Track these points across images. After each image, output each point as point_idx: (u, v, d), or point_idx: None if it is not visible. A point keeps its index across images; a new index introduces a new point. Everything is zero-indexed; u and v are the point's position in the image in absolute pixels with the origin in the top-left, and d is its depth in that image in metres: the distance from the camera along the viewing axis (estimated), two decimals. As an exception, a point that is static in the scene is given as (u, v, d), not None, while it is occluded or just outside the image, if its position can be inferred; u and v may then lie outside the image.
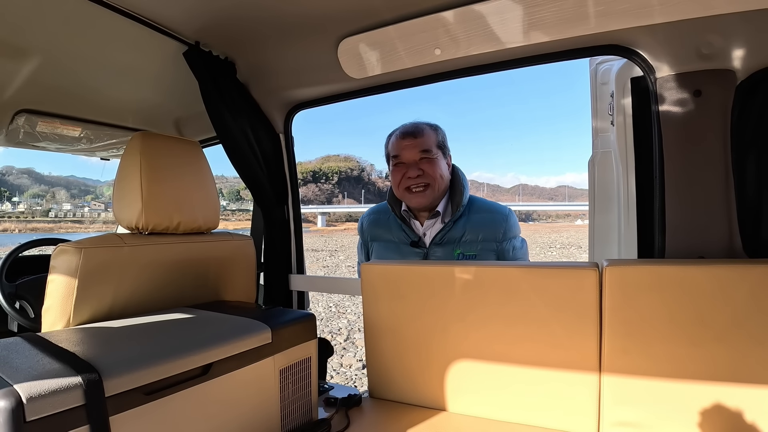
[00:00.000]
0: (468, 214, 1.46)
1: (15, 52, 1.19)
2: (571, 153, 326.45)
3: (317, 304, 7.18)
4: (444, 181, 1.45)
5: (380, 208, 1.62)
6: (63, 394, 0.62)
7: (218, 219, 1.28)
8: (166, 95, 1.64)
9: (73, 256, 0.95)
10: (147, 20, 1.15)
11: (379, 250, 1.56)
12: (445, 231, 1.44)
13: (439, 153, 1.45)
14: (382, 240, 1.56)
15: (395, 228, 1.53)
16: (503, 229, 1.43)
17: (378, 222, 1.58)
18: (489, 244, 1.42)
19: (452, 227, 1.44)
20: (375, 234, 1.58)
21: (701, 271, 0.93)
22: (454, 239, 1.43)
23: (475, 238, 1.42)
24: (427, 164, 1.42)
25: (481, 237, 1.42)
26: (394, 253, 1.51)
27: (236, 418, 0.89)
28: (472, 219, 1.45)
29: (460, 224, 1.44)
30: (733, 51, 0.98)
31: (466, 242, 1.43)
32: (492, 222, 1.44)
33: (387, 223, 1.55)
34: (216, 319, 1.02)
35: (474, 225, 1.44)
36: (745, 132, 1.00)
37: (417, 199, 1.43)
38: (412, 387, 1.22)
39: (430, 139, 1.44)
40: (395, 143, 1.48)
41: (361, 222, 1.65)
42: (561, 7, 1.01)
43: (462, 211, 1.45)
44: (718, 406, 0.91)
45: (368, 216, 1.64)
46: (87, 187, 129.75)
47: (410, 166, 1.42)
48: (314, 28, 1.23)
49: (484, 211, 1.47)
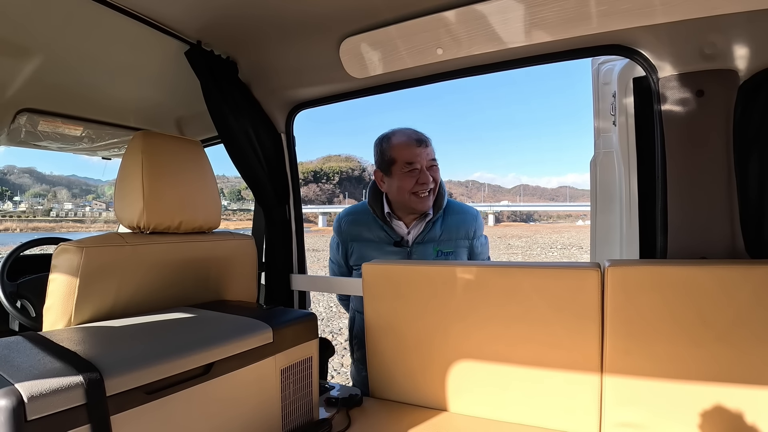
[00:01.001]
0: (444, 216, 1.59)
1: (17, 51, 1.19)
2: (572, 153, 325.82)
3: (318, 304, 7.18)
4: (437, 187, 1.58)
5: (358, 209, 1.69)
6: (64, 394, 0.62)
7: (219, 218, 1.28)
8: (167, 95, 1.64)
9: (75, 255, 0.95)
10: (149, 19, 1.15)
11: (360, 248, 1.62)
12: (426, 231, 1.56)
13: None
14: (362, 239, 1.61)
15: (376, 228, 1.60)
16: (474, 228, 1.60)
17: (357, 222, 1.64)
18: (462, 242, 1.58)
19: (432, 227, 1.56)
20: (355, 234, 1.64)
21: (703, 271, 0.92)
22: (433, 238, 1.55)
23: (450, 236, 1.56)
24: (435, 171, 1.53)
25: (456, 236, 1.57)
26: (376, 252, 1.58)
27: (237, 418, 0.89)
28: (447, 220, 1.58)
29: (437, 225, 1.57)
30: (735, 51, 0.98)
31: (443, 241, 1.55)
32: (464, 222, 1.59)
33: (367, 223, 1.62)
34: (217, 318, 1.02)
35: (450, 225, 1.57)
36: (747, 132, 1.00)
37: (424, 203, 1.52)
38: (413, 387, 1.22)
39: (432, 148, 1.56)
40: (409, 150, 1.51)
41: (339, 222, 1.70)
42: (563, 6, 1.01)
43: (440, 213, 1.57)
44: (720, 406, 0.91)
45: (346, 216, 1.69)
46: (88, 187, 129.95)
47: (422, 173, 1.50)
48: (316, 28, 1.23)
49: (457, 212, 1.61)
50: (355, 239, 1.63)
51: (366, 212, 1.63)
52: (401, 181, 1.51)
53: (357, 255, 1.62)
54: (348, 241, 1.66)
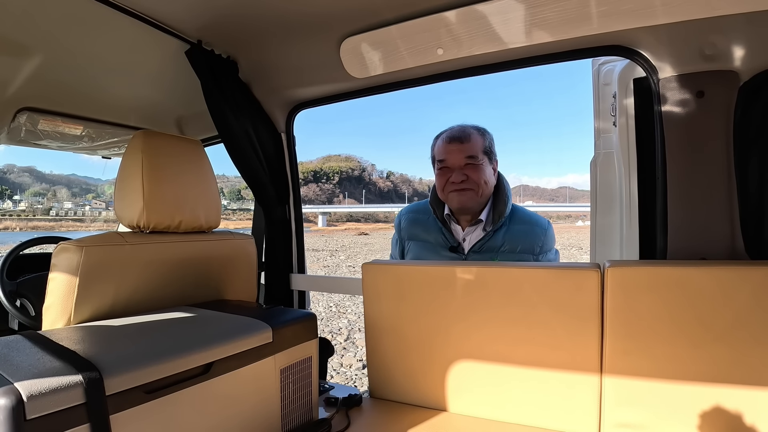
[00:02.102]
0: (509, 224, 1.45)
1: (18, 49, 1.19)
2: (573, 154, 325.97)
3: (317, 303, 7.18)
4: (488, 187, 1.44)
5: (420, 207, 1.60)
6: (63, 393, 0.62)
7: (219, 218, 1.28)
8: (167, 94, 1.64)
9: (75, 254, 0.95)
10: (149, 19, 1.15)
11: (416, 249, 1.54)
12: (485, 239, 1.44)
13: (485, 159, 1.42)
14: (420, 240, 1.54)
15: (434, 230, 1.51)
16: (541, 242, 1.44)
17: (417, 221, 1.56)
18: (526, 256, 1.42)
19: (492, 236, 1.43)
20: (413, 233, 1.56)
21: (703, 272, 0.92)
22: (493, 248, 1.43)
23: (513, 248, 1.42)
24: (472, 170, 1.40)
25: (520, 248, 1.42)
26: (431, 255, 1.49)
27: (237, 417, 0.89)
28: (512, 229, 1.44)
29: (500, 234, 1.43)
30: (736, 52, 0.98)
31: (504, 252, 1.42)
32: (531, 234, 1.44)
33: (426, 223, 1.53)
34: (217, 318, 1.02)
35: (514, 236, 1.43)
36: (747, 133, 1.00)
37: (459, 198, 1.41)
38: (413, 387, 1.22)
39: (477, 145, 1.42)
40: (441, 147, 1.45)
41: (399, 218, 1.63)
42: (564, 7, 1.01)
43: (504, 221, 1.44)
44: (719, 407, 0.91)
45: (407, 213, 1.62)
46: (88, 186, 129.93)
47: (455, 171, 1.41)
48: (317, 28, 1.23)
49: (524, 222, 1.47)
50: (412, 238, 1.57)
51: (427, 212, 1.55)
52: (437, 179, 1.46)
53: (413, 255, 1.55)
54: (406, 240, 1.60)
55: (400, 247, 1.62)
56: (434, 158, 1.49)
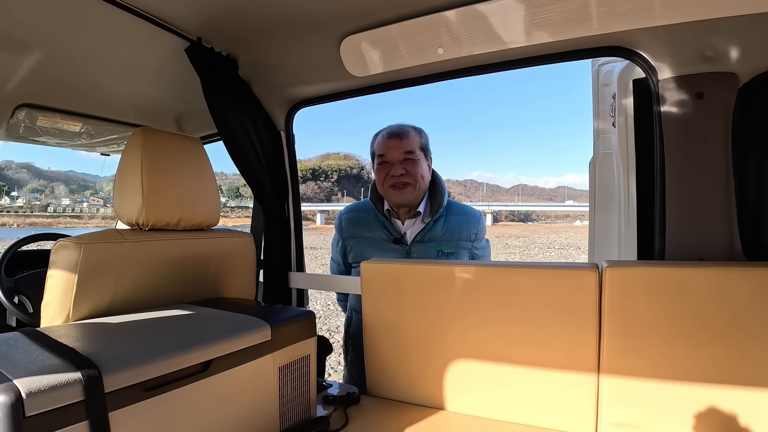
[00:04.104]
0: (446, 216, 1.58)
1: (17, 46, 1.19)
2: (572, 154, 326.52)
3: (315, 302, 7.17)
4: (425, 182, 1.56)
5: (359, 207, 1.70)
6: (62, 390, 0.62)
7: (218, 216, 1.28)
8: (167, 91, 1.64)
9: (73, 251, 0.95)
10: (149, 16, 1.15)
11: (359, 247, 1.62)
12: (426, 230, 1.55)
13: (421, 155, 1.55)
14: (362, 237, 1.62)
15: (376, 226, 1.60)
16: (476, 230, 1.60)
17: (357, 219, 1.65)
18: (464, 243, 1.57)
19: (432, 227, 1.55)
20: (354, 231, 1.64)
21: (701, 273, 0.93)
22: (434, 238, 1.55)
23: (452, 237, 1.56)
24: (410, 164, 1.51)
25: (458, 236, 1.56)
26: (374, 250, 1.57)
27: (235, 415, 0.90)
28: (450, 220, 1.58)
29: (439, 224, 1.56)
30: (735, 54, 0.98)
31: (444, 241, 1.55)
32: (467, 223, 1.59)
33: (367, 221, 1.62)
34: (216, 315, 1.02)
35: (452, 225, 1.57)
36: (746, 135, 1.00)
37: (399, 195, 1.52)
38: (411, 386, 1.22)
39: (414, 141, 1.54)
40: (381, 143, 1.56)
41: (339, 219, 1.71)
42: (564, 7, 1.01)
43: (441, 213, 1.56)
44: (716, 407, 0.91)
45: (347, 213, 1.70)
46: (86, 183, 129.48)
47: (394, 165, 1.51)
48: (317, 26, 1.23)
49: (460, 213, 1.61)
50: (354, 236, 1.64)
51: (367, 209, 1.63)
52: (377, 173, 1.57)
53: (355, 253, 1.62)
54: (347, 239, 1.66)
55: (341, 248, 1.68)
56: (374, 153, 1.59)
